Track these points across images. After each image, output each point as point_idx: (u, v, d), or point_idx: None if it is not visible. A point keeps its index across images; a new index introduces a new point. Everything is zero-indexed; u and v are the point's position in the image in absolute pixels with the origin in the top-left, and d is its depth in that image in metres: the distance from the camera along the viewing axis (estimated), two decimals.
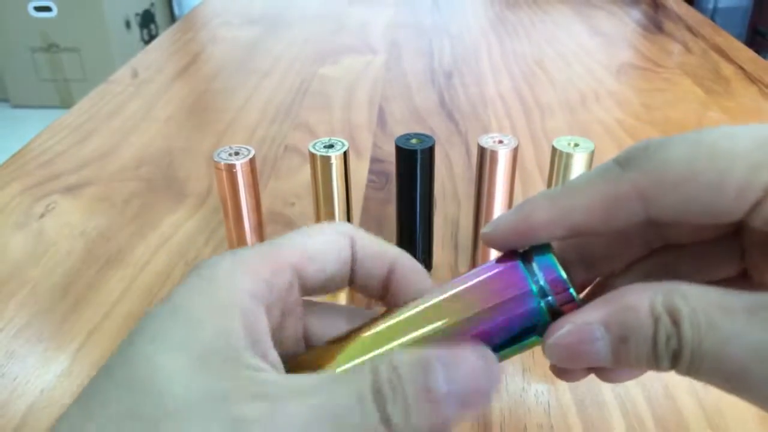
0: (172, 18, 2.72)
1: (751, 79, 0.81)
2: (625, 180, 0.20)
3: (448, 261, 0.48)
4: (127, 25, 2.41)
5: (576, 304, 0.20)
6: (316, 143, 0.42)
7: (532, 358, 0.40)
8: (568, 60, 0.88)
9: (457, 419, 0.18)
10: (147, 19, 2.55)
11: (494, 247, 0.22)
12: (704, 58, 0.88)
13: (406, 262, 0.24)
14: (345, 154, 0.41)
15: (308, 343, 0.24)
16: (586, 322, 0.19)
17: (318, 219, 0.44)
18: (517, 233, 0.21)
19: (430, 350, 0.18)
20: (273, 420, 0.17)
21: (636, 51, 0.93)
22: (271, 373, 0.19)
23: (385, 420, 0.17)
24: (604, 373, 0.23)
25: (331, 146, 0.41)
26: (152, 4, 2.59)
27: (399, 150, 0.42)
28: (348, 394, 0.17)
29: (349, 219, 0.44)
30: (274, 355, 0.20)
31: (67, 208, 0.56)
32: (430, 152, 0.42)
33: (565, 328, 0.19)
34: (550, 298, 0.20)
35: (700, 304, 0.18)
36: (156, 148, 0.66)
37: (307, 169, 0.61)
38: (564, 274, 0.20)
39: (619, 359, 0.19)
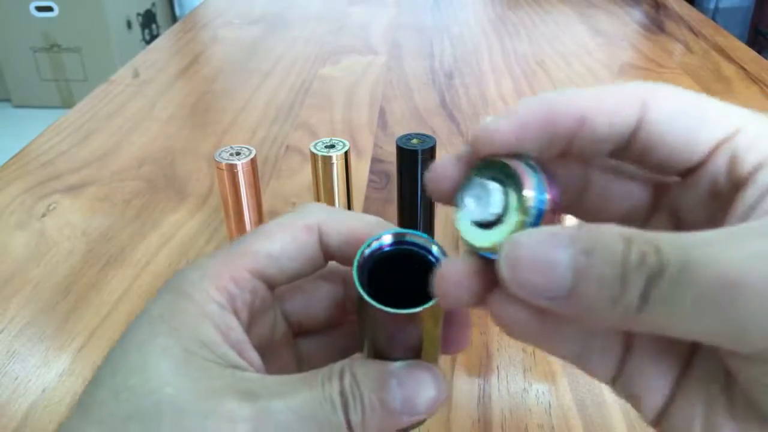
0: (174, 18, 2.73)
1: (753, 79, 0.81)
2: (638, 85, 0.19)
3: None
4: (129, 25, 2.41)
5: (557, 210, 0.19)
6: (317, 143, 0.42)
7: (533, 358, 0.40)
8: (569, 60, 0.88)
9: (409, 424, 0.21)
10: (148, 19, 2.55)
11: (492, 145, 0.19)
12: (705, 59, 0.88)
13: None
14: (346, 154, 0.41)
15: (290, 323, 0.25)
16: (552, 230, 0.16)
17: None
18: (545, 121, 0.19)
19: (390, 367, 0.21)
20: (260, 418, 0.19)
21: (637, 51, 0.93)
22: (254, 373, 0.21)
23: (348, 422, 0.20)
24: (547, 329, 0.19)
25: (332, 146, 0.41)
26: (153, 4, 2.59)
27: (400, 150, 0.42)
28: (322, 398, 0.20)
29: None
30: (253, 356, 0.22)
31: (68, 207, 0.56)
32: (431, 152, 0.42)
33: (530, 231, 0.17)
34: (544, 199, 0.18)
35: (678, 236, 0.15)
36: (157, 148, 0.66)
37: (308, 169, 0.61)
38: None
39: (579, 281, 0.16)
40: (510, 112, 0.19)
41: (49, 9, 2.26)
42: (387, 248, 0.21)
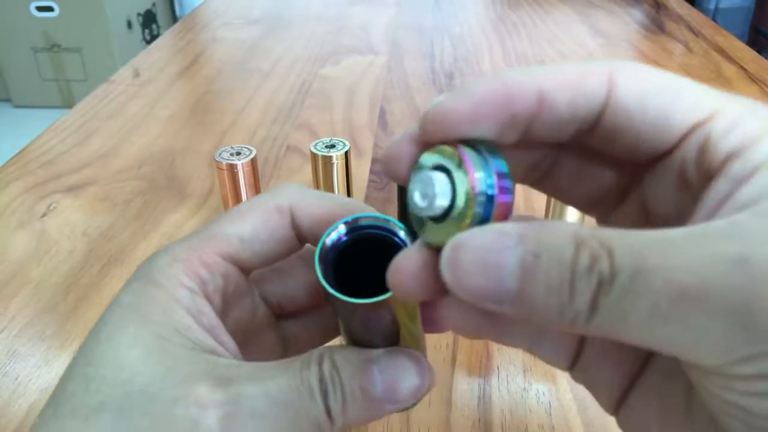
0: (174, 18, 2.73)
1: (753, 79, 0.81)
2: (603, 62, 0.17)
3: None
4: (129, 25, 2.41)
5: (510, 202, 0.17)
6: (317, 143, 0.42)
7: (534, 358, 0.40)
8: (570, 60, 0.88)
9: (391, 412, 0.20)
10: (148, 19, 2.55)
11: (444, 127, 0.17)
12: (706, 59, 0.88)
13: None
14: (346, 154, 0.41)
15: (270, 306, 0.25)
16: (500, 229, 0.15)
17: None
18: (501, 99, 0.17)
19: (371, 353, 0.20)
20: (233, 404, 0.18)
21: (637, 51, 0.93)
22: (230, 358, 0.20)
23: (327, 410, 0.19)
24: (498, 329, 0.19)
25: (332, 146, 0.41)
26: (154, 4, 2.59)
27: None
28: (300, 385, 0.19)
29: None
30: (227, 340, 0.21)
31: (68, 207, 0.56)
32: None
33: (475, 230, 0.16)
34: (492, 185, 0.17)
35: (634, 237, 0.14)
36: (158, 148, 0.66)
37: (308, 169, 0.61)
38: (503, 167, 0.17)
39: (525, 285, 0.15)
40: (463, 90, 0.17)
41: (50, 9, 2.26)
42: (344, 237, 0.20)
